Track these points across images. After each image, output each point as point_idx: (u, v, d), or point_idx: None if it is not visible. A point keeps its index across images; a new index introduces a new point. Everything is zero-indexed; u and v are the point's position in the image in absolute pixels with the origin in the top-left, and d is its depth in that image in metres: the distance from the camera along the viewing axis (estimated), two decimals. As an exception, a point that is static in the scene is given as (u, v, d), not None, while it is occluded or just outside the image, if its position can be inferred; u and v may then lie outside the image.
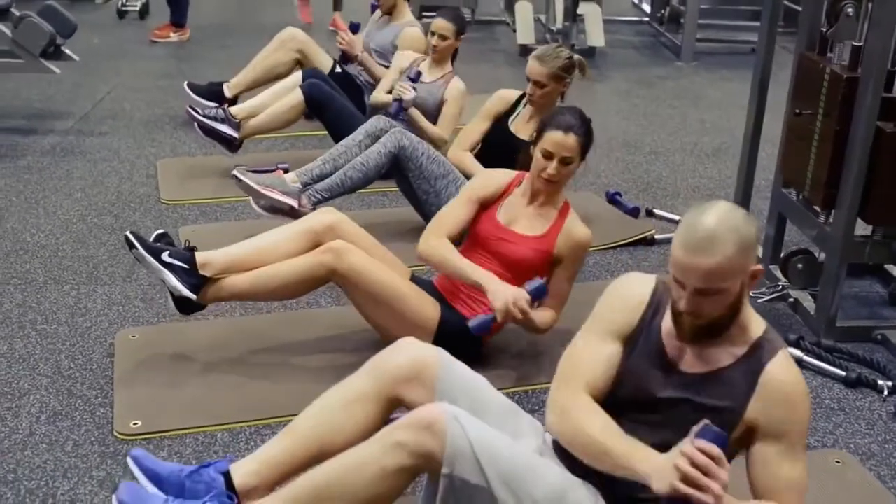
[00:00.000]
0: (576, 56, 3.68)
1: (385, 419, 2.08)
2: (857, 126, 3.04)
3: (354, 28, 4.77)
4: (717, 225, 1.77)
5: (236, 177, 3.64)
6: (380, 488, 1.89)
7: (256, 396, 2.79)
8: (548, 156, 2.79)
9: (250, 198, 3.68)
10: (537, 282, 2.70)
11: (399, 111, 4.09)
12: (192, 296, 2.79)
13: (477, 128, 3.82)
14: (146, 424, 2.63)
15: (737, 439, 1.89)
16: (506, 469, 1.85)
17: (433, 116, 4.18)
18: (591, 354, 1.96)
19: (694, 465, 1.70)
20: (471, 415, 1.91)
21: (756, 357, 1.88)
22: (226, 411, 2.72)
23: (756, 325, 1.92)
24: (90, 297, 3.35)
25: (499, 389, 2.20)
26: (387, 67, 4.66)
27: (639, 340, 1.95)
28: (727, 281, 1.78)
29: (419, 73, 4.23)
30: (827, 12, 3.27)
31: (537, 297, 2.71)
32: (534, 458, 1.95)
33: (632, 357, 1.95)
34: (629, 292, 2.00)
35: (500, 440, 1.91)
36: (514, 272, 2.82)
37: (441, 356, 2.12)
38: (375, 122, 3.85)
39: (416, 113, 4.14)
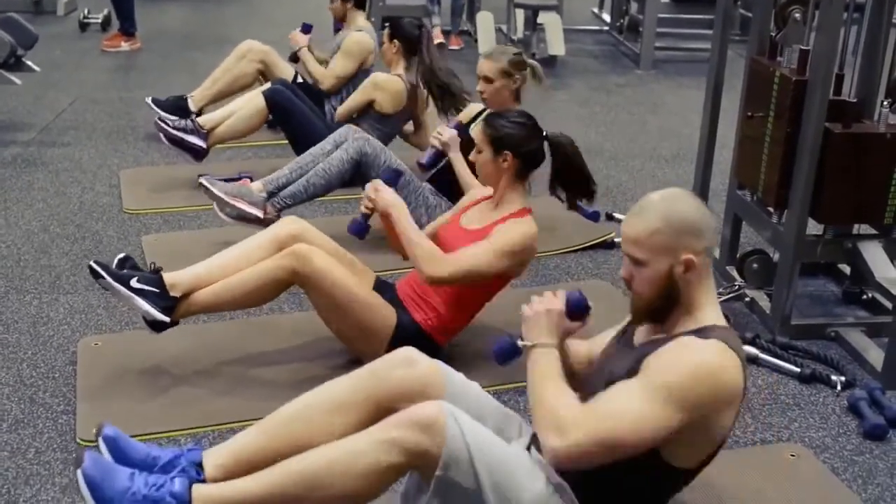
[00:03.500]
0: (529, 60, 3.74)
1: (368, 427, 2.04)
2: (807, 128, 3.11)
3: (306, 28, 4.83)
4: (653, 199, 1.91)
5: (204, 185, 3.66)
6: (369, 482, 1.87)
7: (220, 401, 2.80)
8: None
9: (215, 206, 3.69)
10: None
11: None
12: (166, 318, 2.79)
13: None
14: (109, 430, 2.63)
15: None
16: (499, 474, 1.86)
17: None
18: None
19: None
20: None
21: (691, 335, 1.89)
22: (189, 416, 2.73)
23: (711, 319, 1.93)
24: (52, 307, 3.34)
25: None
26: None
27: (622, 336, 2.10)
28: (648, 253, 1.87)
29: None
30: (776, 17, 3.35)
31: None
32: (526, 463, 1.95)
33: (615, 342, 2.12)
34: None
35: (496, 444, 1.92)
36: None
37: (447, 374, 2.12)
38: (344, 132, 3.87)
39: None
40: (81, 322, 3.24)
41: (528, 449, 2.02)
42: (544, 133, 2.94)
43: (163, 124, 4.46)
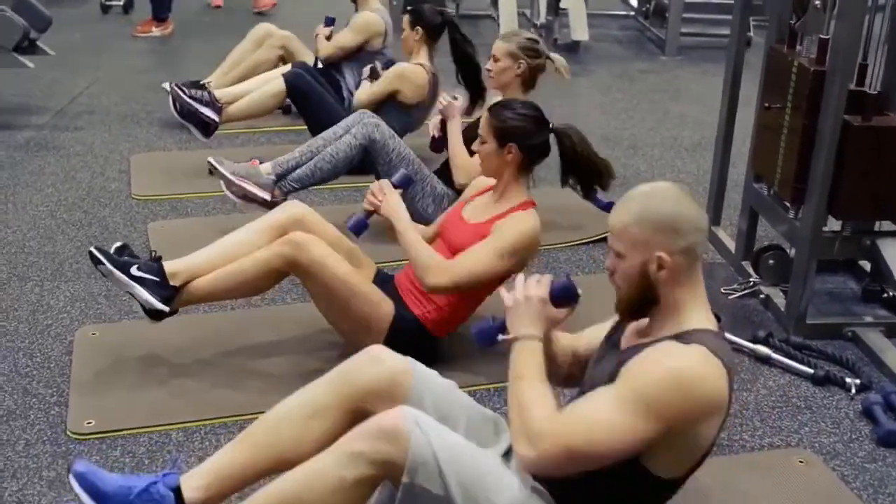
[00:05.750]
0: (551, 53, 3.66)
1: (347, 430, 1.98)
2: (825, 120, 3.00)
3: (329, 21, 4.77)
4: (636, 192, 1.85)
5: (212, 164, 3.63)
6: (342, 498, 1.83)
7: (214, 395, 2.75)
8: None
9: (222, 184, 3.66)
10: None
11: None
12: (166, 308, 2.74)
13: None
14: (100, 423, 2.60)
15: None
16: (468, 478, 1.81)
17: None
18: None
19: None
20: (437, 422, 1.87)
21: (672, 339, 1.79)
22: (182, 410, 2.68)
23: (696, 322, 1.82)
24: (53, 294, 3.31)
25: (460, 388, 2.15)
26: None
27: (612, 335, 2.00)
28: (624, 246, 1.81)
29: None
30: (794, 5, 3.23)
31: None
32: (498, 467, 1.89)
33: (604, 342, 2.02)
34: None
35: (465, 447, 1.86)
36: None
37: (416, 371, 2.06)
38: (356, 117, 3.82)
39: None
40: (81, 311, 3.20)
41: (508, 452, 1.94)
42: (551, 125, 2.85)
43: (179, 91, 4.41)
